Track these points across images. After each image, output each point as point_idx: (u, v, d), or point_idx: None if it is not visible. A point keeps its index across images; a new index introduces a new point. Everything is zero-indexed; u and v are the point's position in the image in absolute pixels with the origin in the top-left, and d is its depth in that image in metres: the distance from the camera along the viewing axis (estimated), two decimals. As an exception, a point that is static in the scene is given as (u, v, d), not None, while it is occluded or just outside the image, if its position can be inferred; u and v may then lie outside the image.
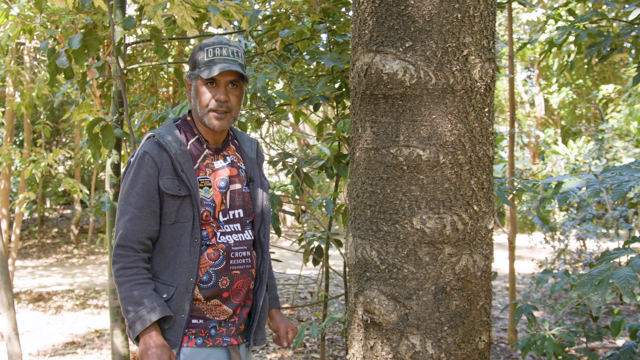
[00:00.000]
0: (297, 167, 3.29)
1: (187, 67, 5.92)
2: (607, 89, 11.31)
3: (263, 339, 2.09)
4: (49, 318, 6.88)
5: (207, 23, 4.12)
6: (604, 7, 5.21)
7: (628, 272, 1.84)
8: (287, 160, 3.30)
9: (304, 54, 3.41)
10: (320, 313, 5.54)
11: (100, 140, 3.39)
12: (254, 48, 3.57)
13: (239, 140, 2.14)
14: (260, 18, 3.40)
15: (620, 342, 5.05)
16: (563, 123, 16.51)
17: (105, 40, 4.40)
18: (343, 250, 3.19)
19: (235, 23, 4.00)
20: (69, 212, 17.32)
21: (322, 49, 3.21)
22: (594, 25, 4.14)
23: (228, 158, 2.06)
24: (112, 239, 3.62)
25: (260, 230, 2.09)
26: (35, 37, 6.12)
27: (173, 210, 1.91)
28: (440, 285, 1.71)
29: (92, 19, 3.67)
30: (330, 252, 3.61)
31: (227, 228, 2.00)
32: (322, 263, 3.42)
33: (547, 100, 15.79)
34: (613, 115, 11.00)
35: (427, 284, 1.71)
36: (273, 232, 3.28)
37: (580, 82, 14.33)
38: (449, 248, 1.71)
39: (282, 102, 3.31)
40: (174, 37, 4.32)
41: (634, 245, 7.53)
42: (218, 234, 1.98)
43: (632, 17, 3.95)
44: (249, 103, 3.35)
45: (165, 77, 6.23)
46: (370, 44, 1.73)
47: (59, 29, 4.21)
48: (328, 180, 5.98)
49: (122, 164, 4.04)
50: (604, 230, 7.34)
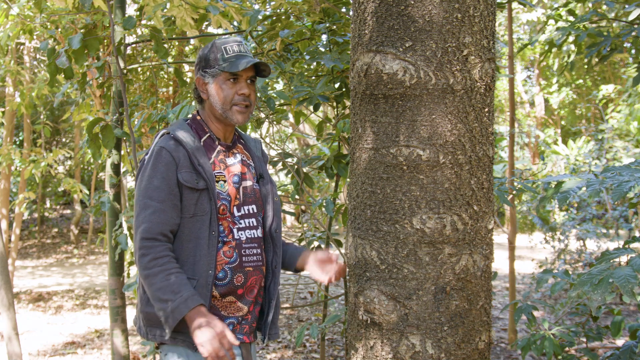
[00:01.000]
0: (297, 167, 3.29)
1: (187, 67, 5.94)
2: (607, 89, 11.31)
3: (277, 333, 2.09)
4: (49, 318, 6.88)
5: (207, 23, 4.12)
6: (604, 7, 5.21)
7: (628, 271, 1.84)
8: (287, 160, 3.30)
9: (304, 54, 3.40)
10: (320, 313, 5.53)
11: (100, 140, 3.39)
12: (254, 48, 3.56)
13: (244, 139, 2.19)
14: (260, 18, 3.40)
15: (620, 342, 5.05)
16: (563, 123, 16.51)
17: (105, 40, 4.40)
18: (343, 250, 3.18)
19: (235, 23, 4.00)
20: (69, 212, 17.33)
21: (322, 49, 3.21)
22: (594, 26, 4.14)
23: (238, 155, 2.10)
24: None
25: (272, 226, 2.10)
26: (35, 37, 6.12)
27: (192, 204, 1.92)
28: (440, 285, 1.71)
29: (92, 19, 3.67)
30: (331, 252, 3.61)
31: (242, 223, 2.02)
32: (322, 263, 3.41)
33: (547, 100, 15.79)
34: (613, 116, 10.99)
35: (427, 284, 1.71)
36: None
37: (580, 82, 14.33)
38: (449, 248, 1.71)
39: (282, 102, 3.31)
40: (174, 37, 4.32)
41: (634, 245, 7.52)
42: (234, 230, 1.99)
43: (632, 17, 3.96)
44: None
45: (165, 77, 6.22)
46: (370, 44, 1.73)
47: (59, 29, 4.21)
48: (328, 180, 5.97)
49: (122, 164, 4.03)
50: (604, 230, 7.34)
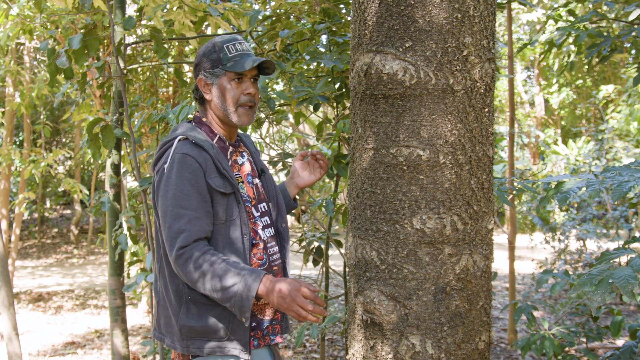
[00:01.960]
0: (297, 167, 3.28)
1: (187, 67, 5.93)
2: (607, 89, 11.31)
3: (287, 327, 2.09)
4: (49, 318, 6.88)
5: (206, 24, 4.12)
6: (604, 7, 5.21)
7: (628, 272, 1.84)
8: (287, 160, 3.30)
9: (304, 55, 3.40)
10: (320, 313, 5.53)
11: (100, 140, 3.39)
12: (254, 49, 3.56)
13: (240, 136, 2.17)
14: (260, 18, 3.40)
15: (620, 342, 5.05)
16: (563, 123, 16.50)
17: (105, 41, 4.40)
18: (343, 251, 3.18)
19: (234, 26, 4.00)
20: (69, 212, 17.33)
21: (322, 50, 3.21)
22: (594, 26, 4.14)
23: (244, 154, 2.08)
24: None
25: (278, 220, 2.09)
26: (35, 37, 6.11)
27: (222, 209, 1.87)
28: (440, 286, 1.71)
29: (92, 19, 3.67)
30: (330, 252, 3.61)
31: (261, 222, 2.00)
32: (322, 263, 3.42)
33: (547, 101, 15.78)
34: (613, 116, 10.99)
35: (427, 284, 1.70)
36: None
37: (581, 82, 14.32)
38: (449, 248, 1.71)
39: (282, 102, 3.31)
40: (174, 37, 4.32)
41: (634, 245, 7.52)
42: (259, 231, 1.98)
43: (632, 17, 3.96)
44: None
45: (165, 77, 6.22)
46: (370, 44, 1.73)
47: (59, 29, 4.21)
48: (328, 180, 5.97)
49: (122, 164, 4.03)
50: (604, 231, 7.34)
